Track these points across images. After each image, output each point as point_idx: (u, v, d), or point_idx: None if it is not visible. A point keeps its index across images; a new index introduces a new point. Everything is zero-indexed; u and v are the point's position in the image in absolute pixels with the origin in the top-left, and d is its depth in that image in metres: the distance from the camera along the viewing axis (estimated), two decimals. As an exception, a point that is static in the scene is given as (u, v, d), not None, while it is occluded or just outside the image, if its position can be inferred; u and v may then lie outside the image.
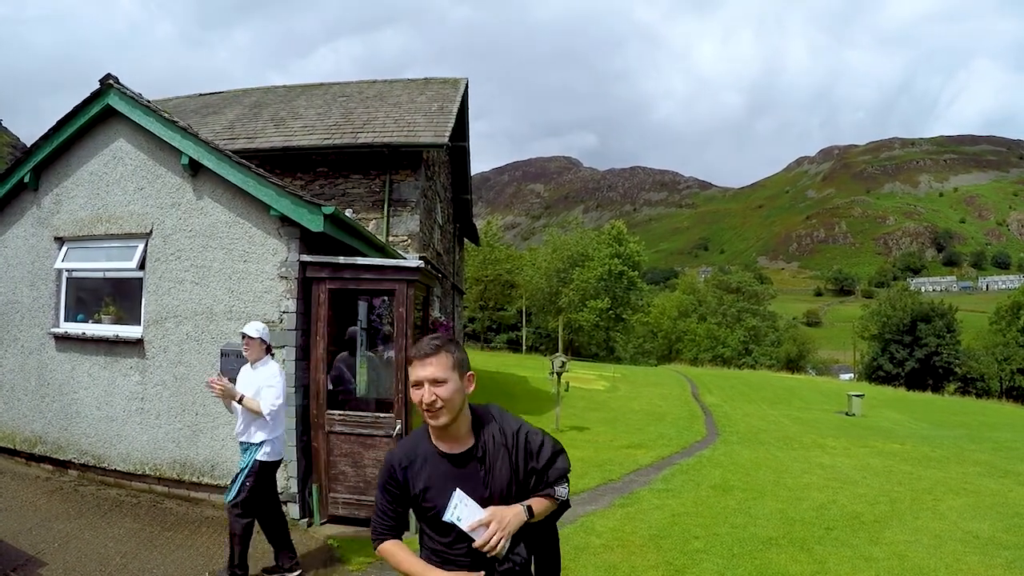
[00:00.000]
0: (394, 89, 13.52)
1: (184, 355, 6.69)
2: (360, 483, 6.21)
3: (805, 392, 29.65)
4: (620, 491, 8.11)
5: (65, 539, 5.76)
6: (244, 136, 11.38)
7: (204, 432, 6.60)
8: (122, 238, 7.12)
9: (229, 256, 6.54)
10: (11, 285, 7.98)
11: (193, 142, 6.65)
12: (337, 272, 6.29)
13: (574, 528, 6.41)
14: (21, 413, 7.78)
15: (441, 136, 10.33)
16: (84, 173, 7.55)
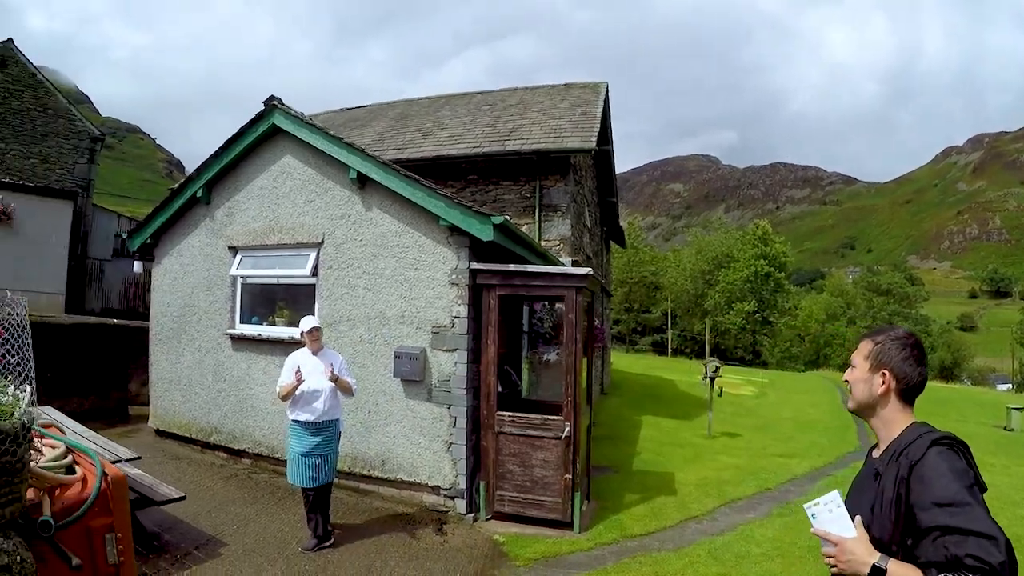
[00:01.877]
0: (536, 96, 14.10)
1: (357, 356, 7.44)
2: (527, 482, 6.69)
3: (960, 403, 28.13)
4: (777, 500, 8.29)
5: (243, 522, 6.58)
6: (394, 147, 12.29)
7: (376, 429, 7.36)
8: (294, 247, 8.03)
9: (400, 264, 7.23)
10: (188, 290, 9.16)
11: (360, 157, 7.42)
12: (507, 279, 6.80)
13: (734, 536, 6.69)
14: (198, 406, 8.97)
15: (588, 141, 10.77)
16: (254, 187, 8.55)
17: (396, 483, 7.33)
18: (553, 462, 6.58)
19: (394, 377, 7.18)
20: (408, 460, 7.23)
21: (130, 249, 10.28)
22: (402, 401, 7.25)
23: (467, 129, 12.61)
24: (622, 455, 10.26)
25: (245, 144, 8.58)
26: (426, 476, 7.14)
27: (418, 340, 7.17)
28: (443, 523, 6.76)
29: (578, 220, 12.19)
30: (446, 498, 7.05)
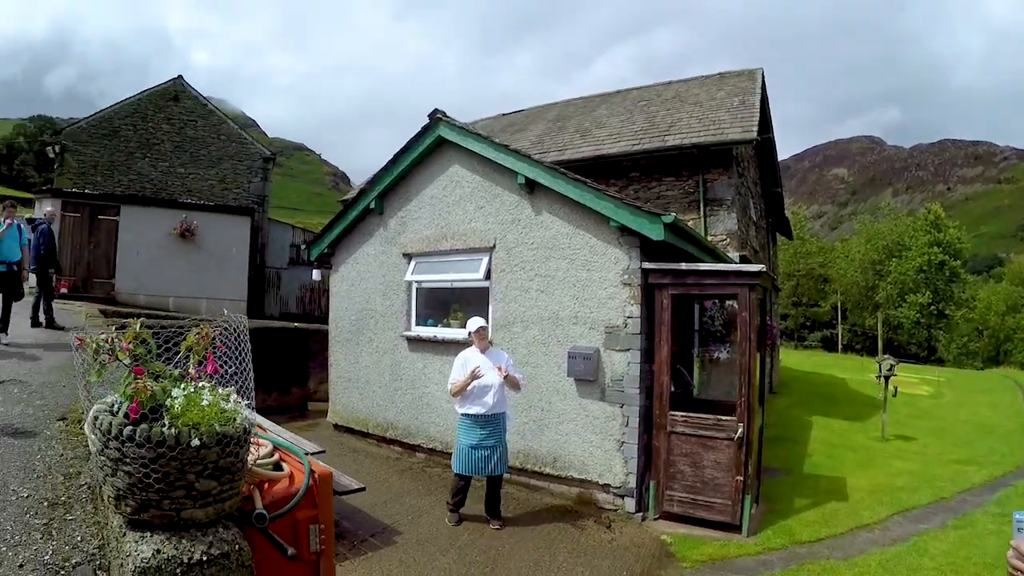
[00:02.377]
0: (691, 88, 14.14)
1: (531, 356, 7.97)
2: (697, 483, 6.83)
3: None
4: (953, 511, 7.89)
5: (417, 512, 7.16)
6: (554, 149, 12.79)
7: (549, 427, 7.82)
8: (466, 252, 8.73)
9: (572, 265, 7.64)
10: (365, 295, 10.16)
11: (527, 163, 7.96)
12: (679, 278, 6.98)
13: (906, 547, 6.50)
14: (375, 403, 9.94)
15: (748, 131, 10.70)
16: (425, 197, 9.38)
17: (567, 480, 7.71)
18: (724, 463, 6.68)
19: (568, 376, 7.57)
20: (579, 458, 7.57)
21: (309, 258, 11.47)
22: (575, 400, 7.60)
23: (625, 127, 12.86)
24: (792, 457, 10.11)
25: (413, 156, 9.44)
26: (596, 474, 7.42)
27: (591, 340, 7.48)
28: (611, 521, 6.99)
29: (743, 213, 12.09)
30: (615, 496, 7.32)
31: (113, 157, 21.08)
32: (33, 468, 4.90)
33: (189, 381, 2.30)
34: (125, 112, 21.45)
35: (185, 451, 1.99)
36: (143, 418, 2.06)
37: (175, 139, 21.76)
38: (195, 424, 2.04)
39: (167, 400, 2.12)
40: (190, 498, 2.06)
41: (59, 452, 5.31)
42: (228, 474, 2.15)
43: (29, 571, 3.42)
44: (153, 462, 1.98)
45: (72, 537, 3.86)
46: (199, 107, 22.35)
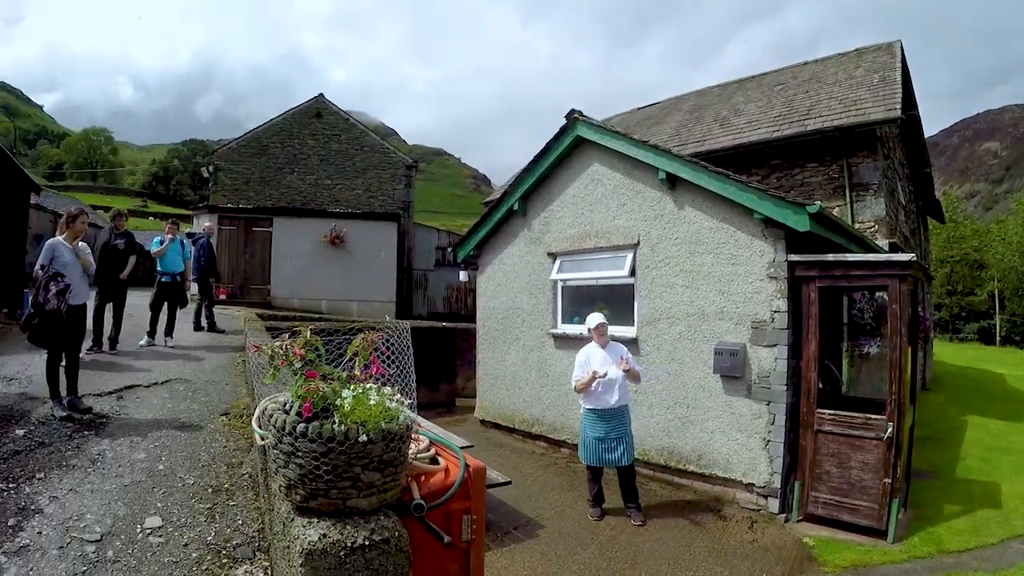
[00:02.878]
0: (827, 68, 13.93)
1: (677, 352, 8.35)
2: (843, 484, 6.80)
3: None
4: None
5: (560, 508, 7.60)
6: (692, 141, 13.06)
7: (693, 424, 8.15)
8: (610, 250, 9.27)
9: (717, 260, 7.93)
10: (512, 295, 10.92)
11: (667, 158, 8.38)
12: (826, 270, 7.02)
13: None
14: (521, 399, 10.68)
15: (892, 109, 10.49)
16: (567, 196, 10.03)
17: (710, 478, 7.97)
18: (872, 464, 6.63)
19: (713, 373, 7.85)
20: (724, 456, 7.81)
21: (456, 260, 12.42)
22: (720, 397, 7.85)
23: (763, 113, 12.89)
24: (944, 460, 9.74)
25: (553, 157, 10.15)
26: (740, 473, 7.62)
27: (737, 336, 7.70)
28: (753, 521, 7.12)
29: (891, 197, 11.80)
30: (759, 496, 7.47)
31: (264, 173, 23.88)
32: (198, 458, 5.81)
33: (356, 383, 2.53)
34: (272, 131, 24.27)
35: (353, 446, 2.22)
36: (315, 416, 2.31)
37: (320, 153, 24.16)
38: (362, 422, 2.27)
39: (337, 400, 2.36)
40: (355, 488, 2.28)
41: (222, 444, 6.25)
42: (391, 467, 2.36)
43: (193, 550, 4.11)
44: (323, 456, 2.22)
45: (234, 520, 4.59)
46: (341, 121, 24.56)
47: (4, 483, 4.77)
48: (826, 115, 11.26)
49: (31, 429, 5.92)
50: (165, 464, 5.48)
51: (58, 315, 6.16)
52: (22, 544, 3.95)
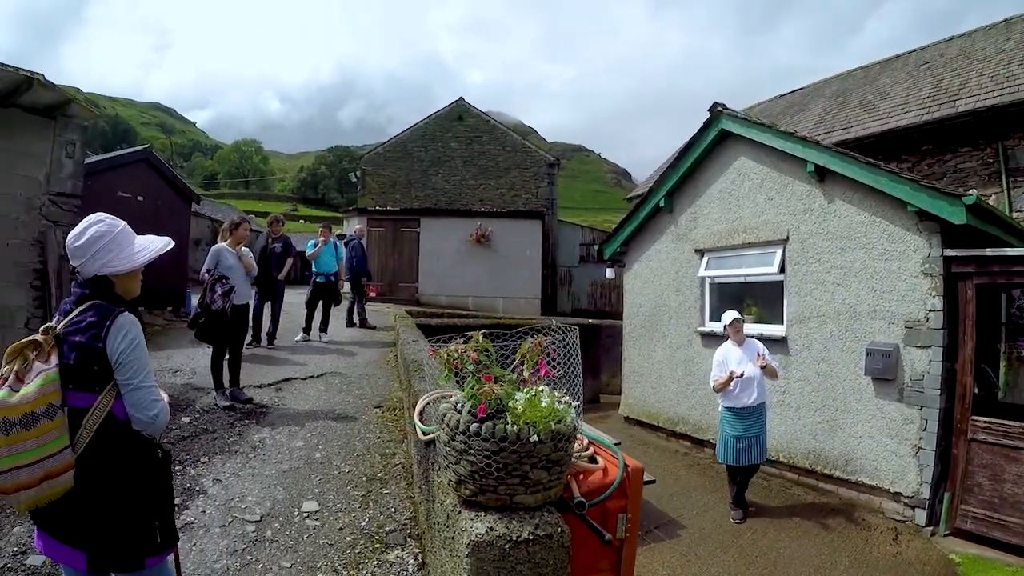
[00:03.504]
0: (975, 42, 13.29)
1: (827, 353, 8.46)
2: (995, 499, 6.62)
3: None
4: None
5: (702, 508, 7.89)
6: (838, 128, 12.96)
7: (842, 428, 8.22)
8: (759, 246, 9.60)
9: (868, 255, 8.00)
10: (658, 292, 11.51)
11: (816, 150, 8.57)
12: (984, 266, 6.91)
13: None
14: (666, 397, 11.18)
15: None
16: (713, 192, 10.47)
17: (856, 485, 8.01)
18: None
19: (864, 375, 7.88)
20: (871, 463, 7.82)
21: (603, 257, 13.10)
22: (871, 400, 7.86)
23: (910, 95, 12.51)
24: None
25: (697, 152, 10.62)
26: (888, 481, 7.61)
27: (890, 336, 7.69)
28: (898, 533, 7.09)
29: (1053, 183, 11.15)
30: (905, 507, 7.45)
31: (409, 176, 25.94)
32: (353, 448, 6.46)
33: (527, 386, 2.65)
34: (416, 136, 26.37)
35: (524, 445, 2.35)
36: (488, 417, 2.45)
37: (464, 155, 25.94)
38: (533, 423, 2.39)
39: (510, 402, 2.49)
40: (523, 485, 2.42)
41: (376, 435, 6.90)
42: (557, 466, 2.50)
43: (347, 534, 4.50)
44: (495, 454, 2.37)
45: (387, 508, 4.96)
46: (482, 123, 26.23)
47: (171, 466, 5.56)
48: (977, 94, 10.79)
49: (196, 417, 6.72)
50: (322, 452, 6.10)
51: (223, 314, 7.10)
52: (187, 521, 4.44)
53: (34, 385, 2.16)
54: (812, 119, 14.46)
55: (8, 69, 7.58)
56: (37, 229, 8.74)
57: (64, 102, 8.63)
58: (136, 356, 2.39)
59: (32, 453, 2.11)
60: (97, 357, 2.31)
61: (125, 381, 2.35)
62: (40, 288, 8.77)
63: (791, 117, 15.23)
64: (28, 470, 2.11)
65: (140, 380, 2.39)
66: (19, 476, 2.11)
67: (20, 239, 8.57)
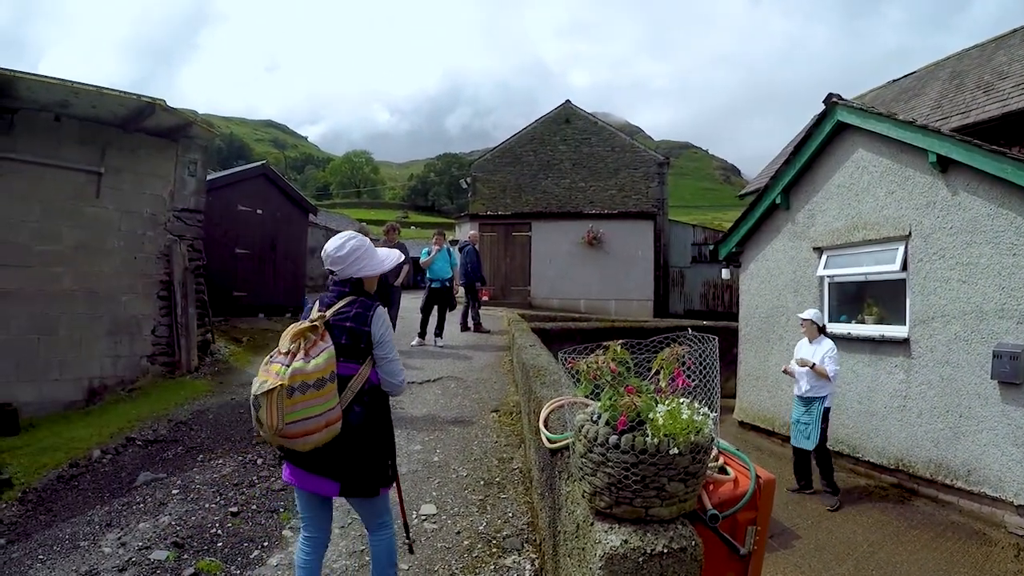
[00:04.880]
0: None
1: (951, 355, 8.20)
2: None
3: None
4: None
5: (818, 518, 7.85)
6: (956, 113, 12.45)
7: (966, 435, 7.95)
8: (879, 242, 9.42)
9: (996, 250, 7.66)
10: (775, 292, 11.53)
11: (937, 138, 8.29)
12: None
13: None
14: (783, 402, 10.97)
15: None
16: (831, 187, 10.38)
17: (978, 497, 7.73)
18: None
19: (991, 379, 7.58)
20: (996, 473, 7.53)
21: (718, 258, 13.18)
22: (997, 406, 7.57)
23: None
24: None
25: (814, 147, 10.53)
26: (1012, 494, 7.30)
27: (1019, 336, 7.37)
28: (1020, 550, 6.86)
29: None
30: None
31: (519, 180, 26.69)
32: (471, 452, 6.70)
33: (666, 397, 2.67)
34: (524, 140, 27.15)
35: (663, 458, 2.38)
36: (628, 429, 2.47)
37: (572, 157, 26.45)
38: (672, 435, 2.41)
39: (650, 414, 2.50)
40: (659, 498, 2.43)
41: (493, 439, 7.13)
42: (693, 478, 2.51)
43: (465, 538, 4.63)
44: (634, 466, 2.39)
45: (504, 512, 5.08)
46: (590, 125, 26.71)
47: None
48: None
49: None
50: (439, 456, 6.35)
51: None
52: None
53: (323, 357, 2.96)
54: (928, 104, 13.93)
55: (131, 96, 8.59)
56: (163, 243, 9.81)
57: (185, 124, 9.66)
58: (390, 337, 3.37)
59: (320, 407, 2.92)
60: (364, 337, 3.23)
61: (383, 355, 3.29)
62: (166, 298, 9.85)
63: (905, 103, 14.72)
64: (315, 420, 2.91)
65: (393, 355, 3.35)
66: (307, 424, 2.89)
67: (147, 253, 9.65)
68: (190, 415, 7.78)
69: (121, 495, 5.56)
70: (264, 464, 6.20)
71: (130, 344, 9.34)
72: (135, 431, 7.23)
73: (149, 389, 8.97)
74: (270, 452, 6.41)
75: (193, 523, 4.90)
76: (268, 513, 5.13)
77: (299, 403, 2.87)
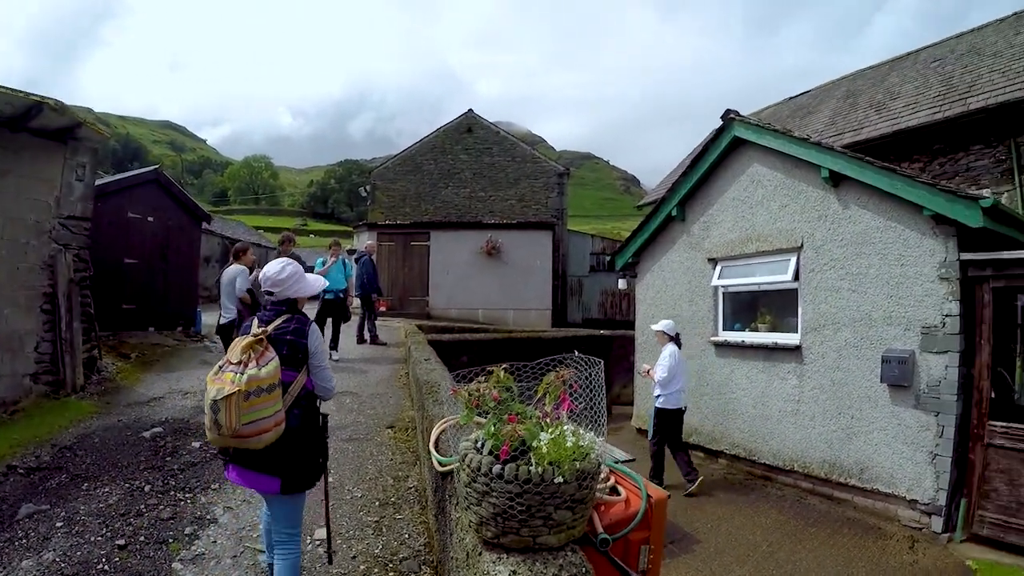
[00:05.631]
0: (985, 37, 13.22)
1: (842, 361, 8.46)
2: (1013, 503, 6.66)
3: None
4: None
5: (716, 521, 7.84)
6: (848, 130, 12.95)
7: (858, 436, 8.22)
8: (772, 253, 9.59)
9: (884, 261, 7.98)
10: (672, 302, 11.57)
11: (830, 155, 8.56)
12: (1001, 269, 6.89)
13: None
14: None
15: None
16: (727, 200, 10.48)
17: (872, 494, 8.00)
18: None
19: (880, 382, 7.88)
20: (887, 470, 7.82)
21: (615, 268, 13.05)
22: (887, 408, 7.87)
23: (920, 94, 12.49)
24: None
25: (710, 161, 10.62)
26: (904, 489, 7.60)
27: (906, 342, 7.69)
28: (915, 541, 7.10)
29: (1064, 178, 11.09)
30: (921, 514, 7.44)
31: (419, 189, 26.26)
32: (366, 471, 6.44)
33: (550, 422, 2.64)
34: (425, 149, 26.70)
35: (548, 487, 2.34)
36: (512, 458, 2.43)
37: (473, 167, 26.24)
38: (557, 463, 2.37)
39: (534, 442, 2.45)
40: (546, 526, 2.40)
41: (388, 457, 6.89)
42: (581, 504, 2.48)
43: (361, 562, 4.47)
44: (519, 496, 2.35)
45: (400, 534, 4.94)
46: (492, 135, 26.53)
47: (182, 493, 5.65)
48: (989, 91, 10.74)
49: (206, 441, 6.64)
50: (334, 477, 6.03)
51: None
52: (198, 552, 4.51)
53: (272, 366, 3.29)
54: (822, 121, 14.44)
55: (19, 94, 7.64)
56: (47, 253, 8.80)
57: (74, 125, 8.68)
58: (323, 349, 3.79)
59: (271, 409, 3.25)
60: (302, 349, 3.59)
61: (317, 364, 3.68)
62: (50, 312, 8.83)
63: (801, 120, 15.22)
64: (266, 421, 3.23)
65: (325, 364, 3.76)
66: (260, 425, 3.20)
67: (30, 263, 8.60)
68: (75, 439, 7.06)
69: (1, 530, 4.95)
70: (152, 491, 5.66)
71: (11, 362, 8.27)
72: (16, 458, 6.44)
73: (32, 411, 8.03)
74: (158, 478, 5.94)
75: (79, 558, 4.41)
76: (157, 544, 4.66)
77: (255, 405, 3.19)
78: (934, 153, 11.74)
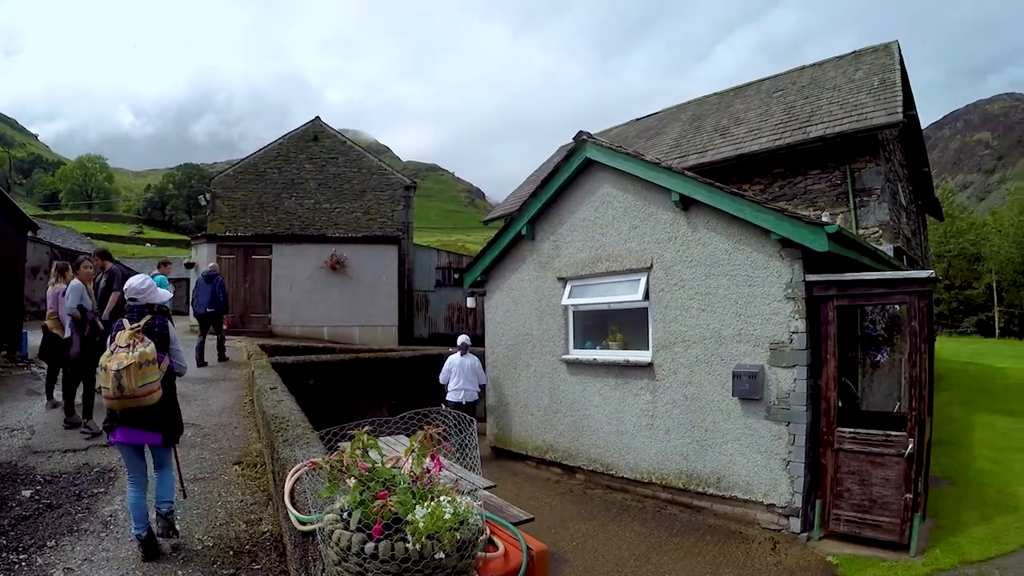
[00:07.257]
0: (826, 72, 14.04)
1: (694, 376, 8.36)
2: (865, 501, 6.90)
3: None
4: None
5: (582, 538, 7.52)
6: (694, 152, 13.10)
7: (712, 447, 8.16)
8: (622, 273, 9.29)
9: (733, 282, 7.95)
10: (521, 320, 11.02)
11: (681, 179, 8.41)
12: (844, 289, 7.11)
13: None
14: (533, 426, 10.69)
15: (893, 113, 10.57)
16: (576, 220, 10.08)
17: (730, 500, 8.00)
18: (893, 480, 6.74)
19: (732, 396, 7.86)
20: (744, 478, 7.83)
21: (463, 286, 12.39)
22: (740, 419, 7.87)
23: (764, 121, 12.98)
24: (956, 464, 9.69)
25: (561, 180, 10.19)
26: (761, 494, 7.65)
27: (755, 358, 7.71)
28: (776, 542, 7.15)
29: (893, 201, 11.95)
30: (780, 516, 7.51)
31: (261, 199, 24.12)
32: (215, 516, 5.63)
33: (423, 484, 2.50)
34: (269, 156, 24.58)
35: (429, 563, 2.18)
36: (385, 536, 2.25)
37: (318, 177, 24.50)
38: (437, 536, 2.21)
39: (409, 515, 2.29)
40: None
41: (239, 498, 6.09)
42: (464, 573, 2.34)
43: None
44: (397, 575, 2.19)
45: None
46: (338, 144, 24.92)
47: (15, 554, 4.61)
48: (827, 121, 11.31)
49: (38, 489, 5.83)
50: (181, 524, 5.25)
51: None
52: None
53: (151, 347, 4.46)
54: (668, 143, 14.61)
55: None
56: None
57: None
58: (176, 337, 4.98)
59: (154, 376, 4.45)
60: (165, 338, 4.75)
61: (176, 349, 4.91)
62: None
63: (647, 141, 15.33)
64: (152, 384, 4.41)
65: (180, 349, 5.00)
66: (149, 387, 4.37)
67: None
68: None
69: None
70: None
71: None
72: None
73: None
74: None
75: None
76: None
77: (145, 373, 4.32)
78: (775, 176, 12.10)
